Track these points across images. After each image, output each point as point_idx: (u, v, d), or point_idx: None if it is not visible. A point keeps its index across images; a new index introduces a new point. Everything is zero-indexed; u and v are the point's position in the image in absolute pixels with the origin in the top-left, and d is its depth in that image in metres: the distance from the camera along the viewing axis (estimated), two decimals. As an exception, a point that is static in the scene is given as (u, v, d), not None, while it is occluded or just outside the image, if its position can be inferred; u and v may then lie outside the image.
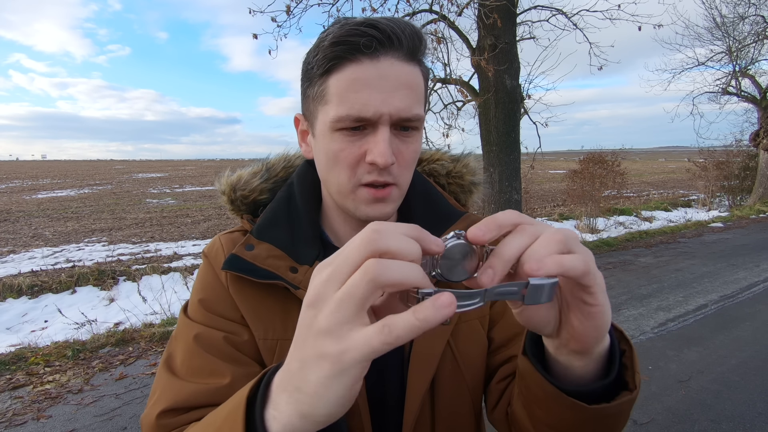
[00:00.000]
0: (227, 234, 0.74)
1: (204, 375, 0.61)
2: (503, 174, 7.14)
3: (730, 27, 12.52)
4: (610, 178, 10.80)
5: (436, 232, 0.72)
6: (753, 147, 13.24)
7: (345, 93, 0.57)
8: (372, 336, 0.32)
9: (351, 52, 0.56)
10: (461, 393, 0.69)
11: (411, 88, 0.59)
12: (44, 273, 6.32)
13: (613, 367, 0.47)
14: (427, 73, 0.65)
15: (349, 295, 0.33)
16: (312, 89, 0.61)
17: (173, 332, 0.69)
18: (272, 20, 6.32)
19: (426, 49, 0.61)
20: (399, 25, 0.57)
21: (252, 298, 0.67)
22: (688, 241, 8.48)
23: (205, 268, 0.71)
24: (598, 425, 0.49)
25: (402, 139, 0.61)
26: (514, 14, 6.83)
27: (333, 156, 0.61)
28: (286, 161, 0.81)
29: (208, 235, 9.82)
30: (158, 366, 0.66)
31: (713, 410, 2.93)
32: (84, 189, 22.88)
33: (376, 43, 0.56)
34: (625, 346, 0.49)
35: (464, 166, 0.84)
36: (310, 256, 0.67)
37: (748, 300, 5.09)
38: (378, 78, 0.56)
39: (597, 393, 0.47)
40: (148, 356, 3.86)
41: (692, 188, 17.29)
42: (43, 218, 12.60)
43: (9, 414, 3.00)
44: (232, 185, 0.76)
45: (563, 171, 16.57)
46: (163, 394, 0.61)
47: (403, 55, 0.58)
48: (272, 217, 0.71)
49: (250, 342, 0.66)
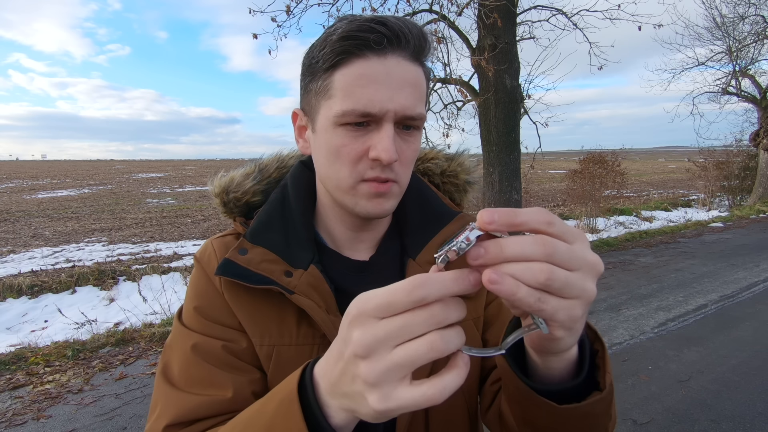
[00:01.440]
0: (219, 238, 0.73)
1: (204, 386, 0.60)
2: (503, 174, 7.14)
3: (730, 27, 12.53)
4: (610, 178, 10.80)
5: (429, 232, 0.72)
6: (753, 147, 13.25)
7: (351, 88, 0.57)
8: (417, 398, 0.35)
9: (360, 48, 0.56)
10: (455, 395, 0.69)
11: (415, 87, 0.59)
12: (44, 273, 6.31)
13: (583, 367, 0.47)
14: (429, 74, 0.65)
15: (410, 364, 0.35)
16: (315, 83, 0.61)
17: (168, 340, 0.68)
18: (272, 20, 6.32)
19: (430, 50, 0.62)
20: (407, 25, 0.58)
21: (247, 303, 0.65)
22: (688, 241, 8.48)
23: (198, 274, 0.70)
24: (575, 424, 0.49)
25: (404, 138, 0.61)
26: (514, 14, 6.83)
27: (335, 151, 0.60)
28: (279, 162, 0.80)
29: (208, 235, 9.82)
30: (155, 376, 0.65)
31: (713, 410, 2.93)
32: (84, 189, 22.88)
33: (386, 40, 0.56)
34: (598, 346, 0.49)
35: (459, 165, 0.83)
36: (304, 260, 0.66)
37: (748, 300, 5.09)
38: (385, 75, 0.56)
39: (570, 393, 0.47)
40: (148, 356, 3.87)
41: (692, 188, 17.29)
42: (43, 218, 12.60)
43: (9, 414, 3.00)
44: (224, 187, 0.75)
45: (563, 171, 16.58)
46: (165, 407, 0.60)
47: (409, 55, 0.58)
48: (266, 220, 0.70)
49: (249, 348, 0.65)
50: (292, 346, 0.64)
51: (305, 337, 0.65)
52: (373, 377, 0.35)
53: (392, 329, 0.35)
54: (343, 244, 0.71)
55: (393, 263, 0.71)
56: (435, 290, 0.34)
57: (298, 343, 0.65)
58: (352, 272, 0.70)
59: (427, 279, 0.34)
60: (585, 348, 0.47)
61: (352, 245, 0.71)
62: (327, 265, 0.69)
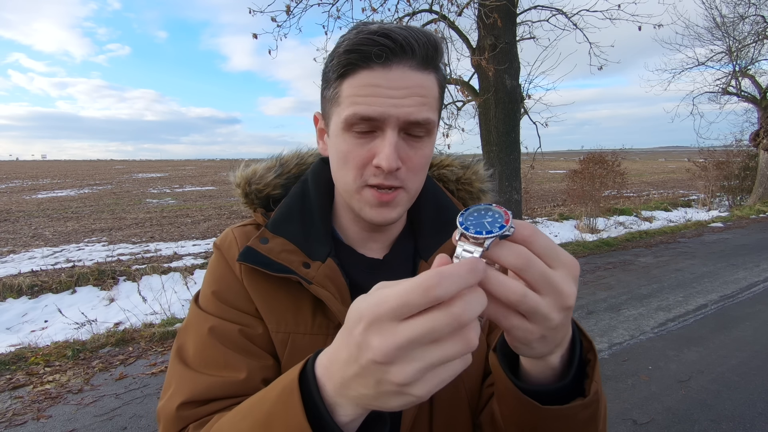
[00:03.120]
0: (240, 227, 0.75)
1: (219, 367, 0.62)
2: (503, 174, 7.14)
3: (730, 27, 12.53)
4: (610, 178, 10.81)
5: (443, 236, 0.73)
6: (753, 147, 13.25)
7: (355, 96, 0.59)
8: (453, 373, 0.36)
9: (363, 60, 0.57)
10: (459, 397, 0.70)
11: (422, 95, 0.59)
12: (44, 273, 6.32)
13: (569, 373, 0.48)
14: (444, 80, 0.65)
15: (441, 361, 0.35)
16: (328, 91, 0.63)
17: (183, 322, 0.69)
18: (272, 20, 6.32)
19: (442, 56, 0.62)
20: (412, 34, 0.58)
21: (265, 291, 0.67)
22: (688, 241, 8.48)
23: (218, 260, 0.72)
24: (558, 427, 0.50)
25: (411, 144, 0.62)
26: (514, 14, 6.83)
27: (343, 156, 0.62)
28: (298, 158, 0.82)
29: (208, 235, 9.82)
30: (170, 357, 0.66)
31: (713, 410, 2.93)
32: (84, 189, 22.88)
33: (388, 52, 0.57)
34: (591, 356, 0.51)
35: (474, 173, 0.85)
36: (322, 252, 0.69)
37: (748, 300, 5.09)
38: (388, 85, 0.58)
39: (556, 395, 0.48)
40: (148, 356, 3.86)
41: (692, 188, 17.29)
42: (43, 218, 12.59)
43: (9, 414, 3.00)
44: (247, 179, 0.77)
45: (563, 171, 16.58)
46: (179, 386, 0.61)
47: (416, 64, 0.59)
48: (287, 212, 0.72)
49: (265, 335, 0.67)
50: (307, 335, 0.67)
51: (320, 327, 0.67)
52: (407, 379, 0.35)
53: (416, 336, 0.33)
54: (358, 242, 0.73)
55: (406, 263, 0.73)
56: (452, 287, 0.33)
57: (313, 332, 0.67)
58: (366, 269, 0.72)
59: (442, 277, 0.33)
60: (575, 356, 0.48)
61: (366, 244, 0.73)
62: (343, 260, 0.71)
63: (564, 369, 0.49)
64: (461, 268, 0.33)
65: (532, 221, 9.98)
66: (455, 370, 0.36)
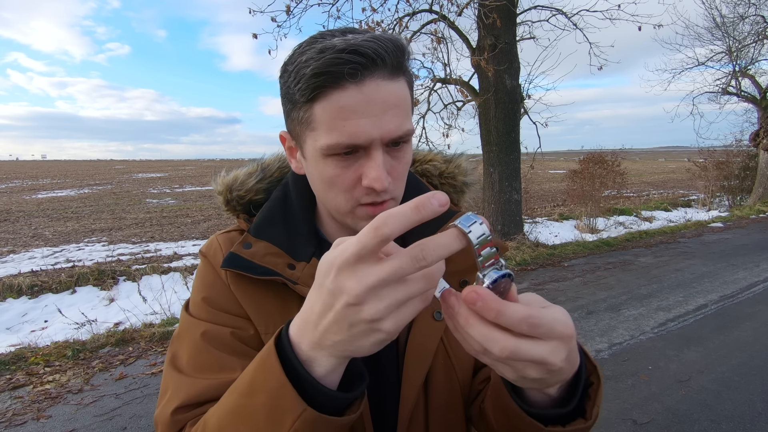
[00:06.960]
0: (224, 233, 0.75)
1: (213, 371, 0.62)
2: (503, 174, 7.14)
3: (730, 27, 12.53)
4: (610, 178, 10.80)
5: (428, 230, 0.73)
6: (753, 147, 13.23)
7: (333, 121, 0.56)
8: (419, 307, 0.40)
9: (335, 81, 0.55)
10: (453, 387, 0.71)
11: (398, 106, 0.58)
12: (44, 273, 6.32)
13: (574, 398, 0.49)
14: (412, 80, 0.64)
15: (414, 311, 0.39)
16: (296, 113, 0.60)
17: (175, 332, 0.70)
18: (272, 20, 6.33)
19: (409, 57, 0.60)
20: (380, 44, 0.55)
21: (252, 294, 0.68)
22: (688, 241, 8.48)
23: (205, 267, 0.73)
24: None
25: (394, 155, 0.61)
26: (514, 14, 6.83)
27: (328, 181, 0.61)
28: (280, 161, 0.82)
29: (208, 235, 9.82)
30: (164, 366, 0.66)
31: (713, 410, 2.93)
32: (84, 189, 22.88)
33: (360, 68, 0.54)
34: (594, 379, 0.52)
35: (456, 167, 0.85)
36: (306, 253, 0.69)
37: (748, 300, 5.09)
38: (365, 103, 0.55)
39: (556, 417, 0.50)
40: (148, 356, 3.87)
41: (692, 188, 17.29)
42: (43, 218, 12.60)
43: (9, 414, 3.00)
44: (228, 186, 0.77)
45: (563, 171, 16.58)
46: (175, 392, 0.61)
47: (387, 73, 0.57)
48: (269, 216, 0.73)
49: (256, 336, 0.67)
50: None
51: None
52: (378, 315, 0.38)
53: (385, 276, 0.36)
54: None
55: None
56: (397, 224, 0.35)
57: None
58: None
59: (388, 216, 0.35)
60: (581, 379, 0.49)
61: None
62: None
63: (564, 394, 0.50)
64: (406, 207, 0.35)
65: (532, 221, 9.98)
66: (418, 307, 0.39)
